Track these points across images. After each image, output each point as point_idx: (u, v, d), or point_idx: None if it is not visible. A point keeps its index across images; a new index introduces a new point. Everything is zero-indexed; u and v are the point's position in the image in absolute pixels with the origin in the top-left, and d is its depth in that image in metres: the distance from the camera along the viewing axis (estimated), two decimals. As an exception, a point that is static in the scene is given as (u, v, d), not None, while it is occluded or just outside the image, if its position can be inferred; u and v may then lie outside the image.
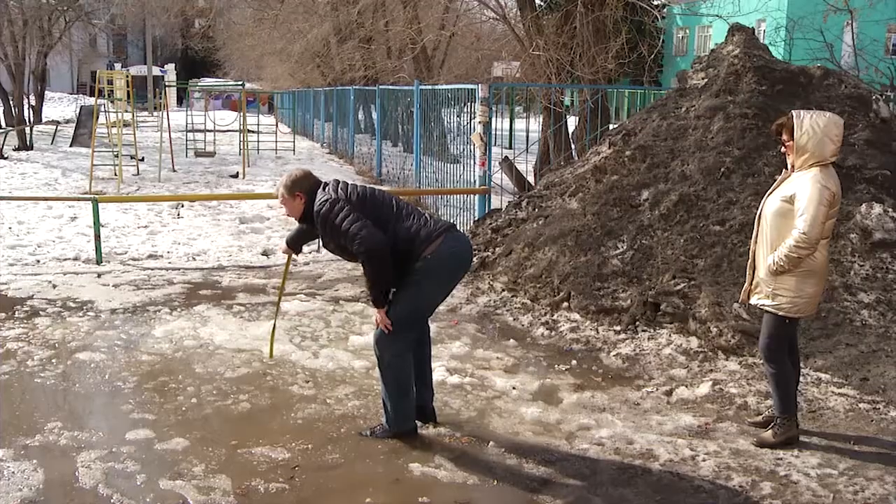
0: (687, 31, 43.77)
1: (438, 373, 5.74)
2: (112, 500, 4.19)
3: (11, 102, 24.13)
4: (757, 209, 5.03)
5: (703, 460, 4.65)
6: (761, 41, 9.70)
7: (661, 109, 8.94)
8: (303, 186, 4.85)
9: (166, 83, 27.54)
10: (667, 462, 4.65)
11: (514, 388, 5.76)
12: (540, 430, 5.09)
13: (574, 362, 6.32)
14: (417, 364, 4.98)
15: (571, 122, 14.63)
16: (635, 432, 5.02)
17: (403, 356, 4.83)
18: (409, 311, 4.77)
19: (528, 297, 7.74)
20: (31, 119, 25.75)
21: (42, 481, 4.38)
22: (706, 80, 8.88)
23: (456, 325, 7.21)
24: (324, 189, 4.81)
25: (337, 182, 4.90)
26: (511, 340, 6.82)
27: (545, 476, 4.51)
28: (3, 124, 23.48)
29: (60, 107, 45.35)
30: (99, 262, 9.54)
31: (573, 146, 13.59)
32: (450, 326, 7.14)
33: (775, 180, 5.01)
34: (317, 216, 4.74)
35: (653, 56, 14.03)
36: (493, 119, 10.34)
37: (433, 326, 5.34)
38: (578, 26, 13.03)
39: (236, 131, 22.06)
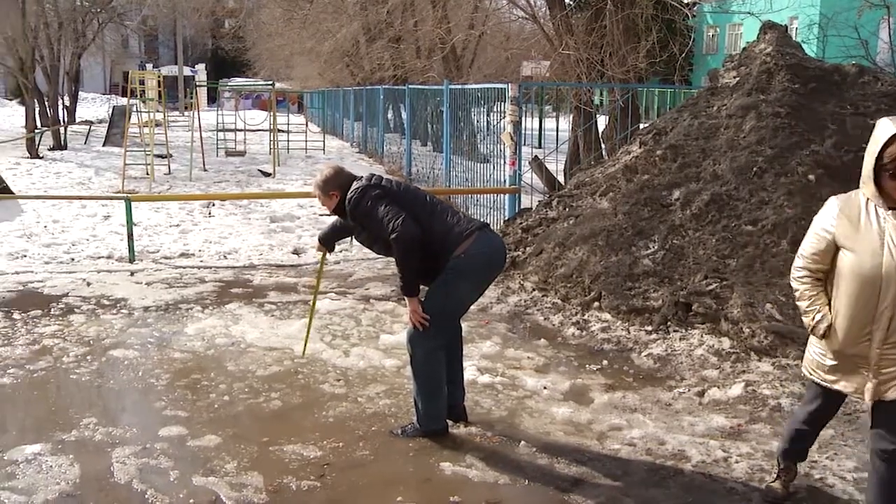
0: (717, 29, 43.42)
1: (469, 372, 5.73)
2: (146, 496, 4.22)
3: (46, 103, 24.43)
4: (791, 209, 4.87)
5: (736, 462, 4.62)
6: (794, 39, 9.60)
7: (692, 108, 8.88)
8: (336, 183, 4.89)
9: (197, 83, 27.72)
10: (699, 463, 4.62)
11: (544, 387, 5.75)
12: (571, 430, 5.07)
13: (605, 362, 6.29)
14: (449, 363, 4.97)
15: (601, 122, 14.58)
16: (667, 433, 4.99)
17: (435, 355, 4.83)
18: (441, 309, 4.76)
19: (558, 296, 7.72)
20: (66, 119, 26.05)
21: (78, 476, 4.44)
22: (738, 78, 8.81)
23: (487, 324, 7.21)
24: (357, 180, 4.85)
25: (372, 175, 4.93)
26: (542, 340, 6.80)
27: (576, 476, 4.49)
28: (39, 124, 23.77)
29: (93, 107, 45.87)
30: (132, 260, 9.64)
31: (603, 145, 13.56)
32: (480, 326, 7.14)
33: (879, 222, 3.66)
34: (348, 203, 4.76)
35: (683, 54, 13.94)
36: (523, 118, 10.31)
37: (464, 326, 5.34)
38: (608, 25, 12.99)
39: (266, 130, 22.20)
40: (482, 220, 5.09)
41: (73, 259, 9.85)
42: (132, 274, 9.07)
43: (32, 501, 4.17)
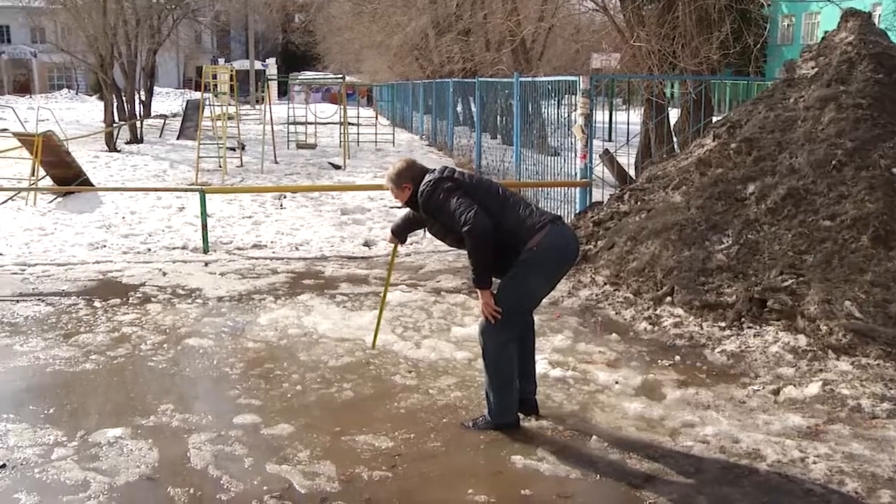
0: (793, 18, 42.47)
1: (541, 365, 5.70)
2: (221, 482, 4.31)
3: (124, 98, 25.06)
4: (872, 204, 4.73)
5: (814, 463, 4.51)
6: (877, 26, 9.31)
7: (768, 100, 8.69)
8: (408, 176, 4.91)
9: (268, 77, 28.09)
10: (774, 463, 4.52)
11: (616, 382, 5.69)
12: (643, 426, 5.02)
13: (678, 358, 6.21)
14: (521, 356, 4.96)
15: (673, 114, 14.37)
16: (741, 431, 4.90)
17: (507, 347, 4.83)
18: (513, 303, 4.76)
19: (630, 291, 7.64)
20: (141, 113, 26.67)
21: (157, 460, 4.55)
22: (816, 69, 8.59)
23: (558, 318, 7.18)
24: (430, 173, 4.87)
25: (444, 167, 4.95)
26: (613, 335, 6.74)
27: (648, 472, 4.44)
28: (117, 119, 24.39)
29: (167, 101, 46.90)
30: (206, 251, 9.83)
31: (675, 139, 13.35)
32: (552, 319, 7.11)
33: None
34: (421, 195, 4.79)
35: (758, 45, 13.66)
36: (594, 111, 10.22)
37: (536, 319, 5.32)
38: (681, 16, 12.79)
39: (337, 123, 22.39)
40: (554, 212, 5.06)
41: (149, 249, 10.09)
42: (206, 264, 9.26)
43: (115, 482, 4.30)
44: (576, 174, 10.33)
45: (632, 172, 13.06)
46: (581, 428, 4.98)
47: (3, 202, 13.38)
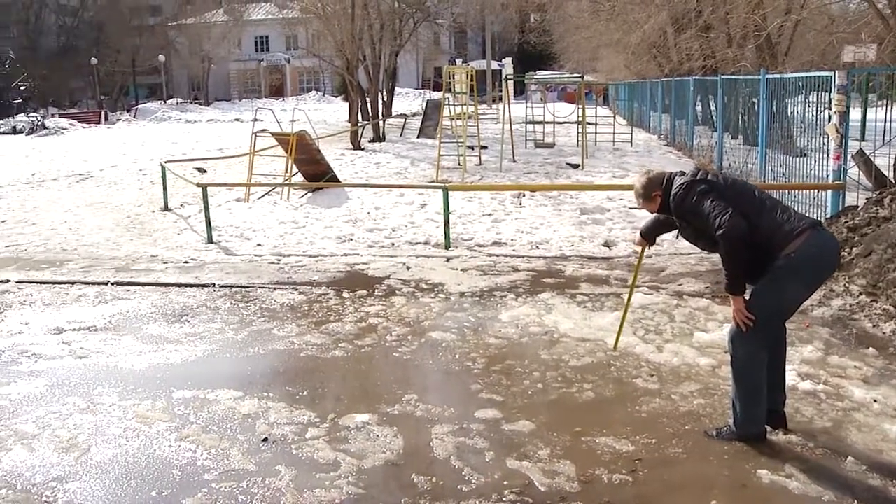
0: None
1: (789, 377, 5.37)
2: (462, 473, 4.38)
3: (368, 99, 26.25)
4: None
5: None
6: None
7: None
8: (656, 184, 4.83)
9: (506, 76, 28.45)
10: None
11: (875, 400, 5.25)
12: (908, 451, 4.61)
13: (948, 378, 5.66)
14: (771, 367, 4.71)
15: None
16: None
17: (758, 356, 4.60)
18: (769, 311, 4.54)
19: (890, 303, 7.06)
20: (384, 113, 27.82)
21: (401, 447, 4.71)
22: None
23: (808, 327, 6.76)
24: (681, 175, 4.75)
25: (698, 170, 4.80)
26: (870, 349, 6.24)
27: (917, 502, 4.07)
28: (361, 118, 25.60)
29: (407, 101, 48.75)
30: (447, 247, 10.08)
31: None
32: (801, 329, 6.69)
33: None
34: (673, 199, 4.68)
35: None
36: (849, 108, 9.54)
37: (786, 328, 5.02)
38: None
39: (574, 123, 22.32)
40: (813, 217, 4.77)
41: (393, 244, 10.48)
42: (448, 260, 9.49)
43: (362, 465, 4.50)
44: (827, 176, 9.69)
45: (890, 175, 12.09)
46: (834, 447, 4.63)
47: (261, 197, 14.38)
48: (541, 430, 4.90)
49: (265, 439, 4.84)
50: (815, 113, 10.59)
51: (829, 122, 9.53)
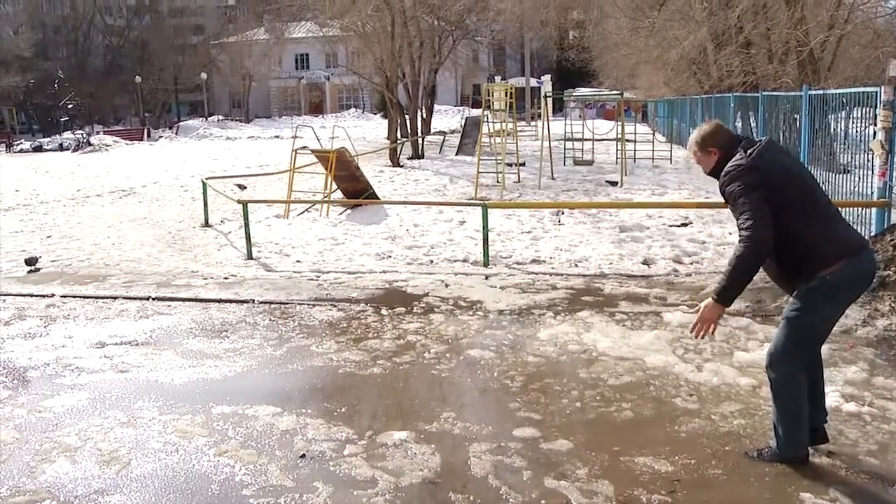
0: None
1: (832, 398, 5.30)
2: (500, 492, 4.35)
3: (407, 116, 26.41)
4: None
5: None
6: None
7: None
8: (717, 141, 4.58)
9: (545, 94, 28.47)
10: None
11: (923, 423, 5.16)
12: (962, 479, 4.50)
13: None
14: (809, 384, 4.62)
15: None
16: None
17: (797, 378, 4.51)
18: (806, 333, 4.46)
19: (938, 322, 6.92)
20: (422, 130, 27.97)
21: (439, 465, 4.70)
22: None
23: (851, 348, 6.64)
24: (745, 150, 4.45)
25: (769, 144, 4.52)
26: (918, 371, 6.13)
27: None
28: (399, 135, 25.75)
29: (445, 118, 48.91)
30: (486, 264, 10.06)
31: None
32: (844, 349, 6.58)
33: None
34: (725, 174, 4.46)
35: None
36: (896, 124, 9.39)
37: (826, 348, 4.94)
38: None
39: (613, 140, 22.25)
40: (862, 236, 4.63)
41: (431, 261, 10.49)
42: (486, 278, 9.47)
43: (400, 482, 4.49)
44: (871, 194, 9.54)
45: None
46: (882, 472, 4.53)
47: (300, 213, 14.50)
48: (579, 449, 4.86)
49: (303, 455, 4.85)
50: (858, 129, 10.46)
51: (875, 138, 9.39)
